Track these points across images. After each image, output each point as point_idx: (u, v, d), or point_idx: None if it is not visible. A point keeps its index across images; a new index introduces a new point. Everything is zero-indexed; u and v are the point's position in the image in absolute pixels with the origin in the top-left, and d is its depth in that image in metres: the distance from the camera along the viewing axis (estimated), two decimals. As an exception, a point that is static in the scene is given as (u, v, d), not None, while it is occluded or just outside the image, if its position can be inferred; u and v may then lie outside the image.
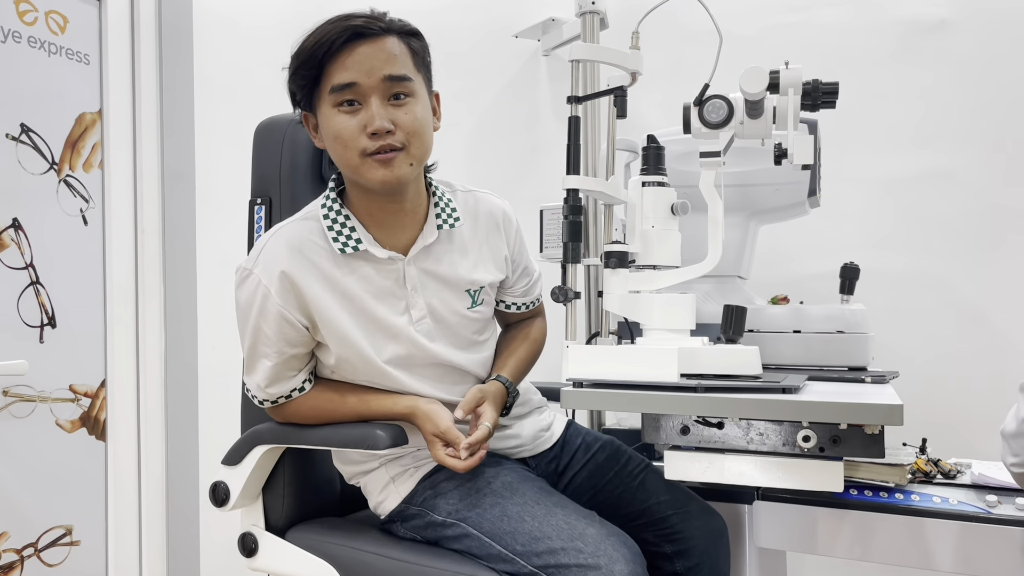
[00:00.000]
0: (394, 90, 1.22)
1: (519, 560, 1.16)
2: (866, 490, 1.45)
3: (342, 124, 1.22)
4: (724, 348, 1.24)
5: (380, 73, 1.21)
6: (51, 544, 1.93)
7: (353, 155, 1.22)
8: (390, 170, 1.22)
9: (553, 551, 1.14)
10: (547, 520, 1.18)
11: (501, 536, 1.19)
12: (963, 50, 2.00)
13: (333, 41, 1.20)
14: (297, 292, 1.25)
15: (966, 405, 1.97)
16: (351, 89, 1.21)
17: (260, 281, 1.25)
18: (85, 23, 2.03)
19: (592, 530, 1.15)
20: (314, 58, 1.21)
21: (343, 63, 1.20)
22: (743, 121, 1.26)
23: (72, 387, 1.99)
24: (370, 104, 1.21)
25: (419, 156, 1.26)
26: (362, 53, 1.21)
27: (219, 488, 1.44)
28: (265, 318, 1.26)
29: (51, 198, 1.95)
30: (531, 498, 1.23)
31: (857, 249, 1.98)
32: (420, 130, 1.25)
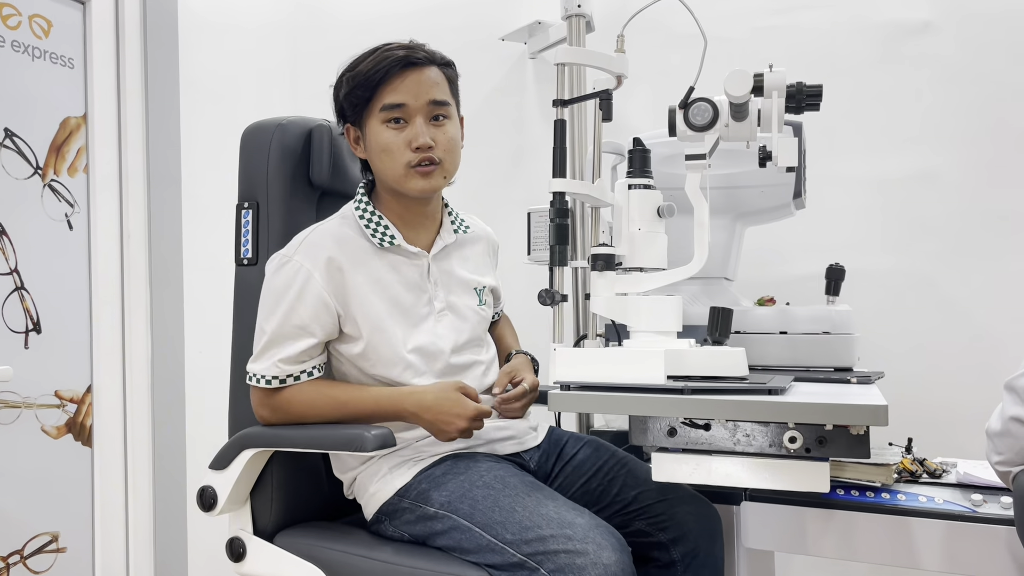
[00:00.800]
0: (435, 112, 1.42)
1: (508, 549, 1.19)
2: (852, 490, 1.46)
3: (390, 139, 1.40)
4: (711, 350, 1.24)
5: (426, 97, 1.40)
6: (37, 551, 1.91)
7: (399, 166, 1.40)
8: (428, 181, 1.42)
9: (542, 539, 1.17)
10: (537, 511, 1.21)
11: (492, 526, 1.22)
12: (946, 52, 2.02)
13: (390, 68, 1.38)
14: (340, 277, 1.38)
15: (951, 405, 1.98)
16: (400, 109, 1.39)
17: (302, 266, 1.36)
18: (69, 27, 2.02)
19: (582, 520, 1.18)
20: (370, 81, 1.39)
21: (395, 86, 1.39)
22: (728, 124, 1.27)
23: (58, 393, 1.97)
24: (415, 123, 1.40)
25: (451, 171, 1.47)
26: (412, 79, 1.40)
27: (206, 493, 1.44)
28: (303, 300, 1.36)
29: (36, 203, 1.94)
30: (523, 491, 1.27)
31: (842, 250, 1.99)
32: (454, 148, 1.46)
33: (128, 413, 2.12)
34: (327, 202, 1.63)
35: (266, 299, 1.40)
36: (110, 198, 2.10)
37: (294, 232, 1.50)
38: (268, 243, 1.53)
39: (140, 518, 2.13)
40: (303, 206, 1.59)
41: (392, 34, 2.60)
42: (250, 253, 1.55)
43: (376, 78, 1.39)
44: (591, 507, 1.39)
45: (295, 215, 1.57)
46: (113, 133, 2.12)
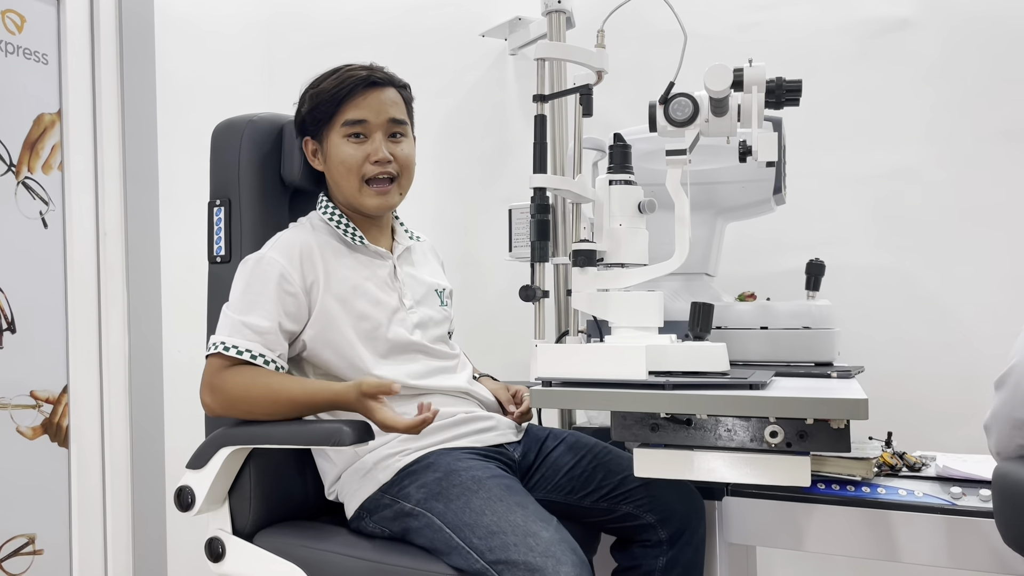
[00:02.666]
0: (393, 130, 1.51)
1: (473, 554, 1.20)
2: (833, 484, 1.47)
3: (349, 152, 1.48)
4: (692, 345, 1.24)
5: (386, 115, 1.49)
6: (13, 553, 1.89)
7: (355, 179, 1.48)
8: (384, 199, 1.50)
9: (505, 546, 1.18)
10: (506, 516, 1.22)
11: (461, 528, 1.24)
12: (926, 49, 2.04)
13: (354, 86, 1.47)
14: (312, 271, 1.42)
15: (931, 399, 2.00)
16: (361, 125, 1.48)
17: (275, 259, 1.40)
18: (43, 23, 2.00)
19: (546, 534, 1.19)
20: (335, 97, 1.47)
21: (357, 103, 1.47)
22: (708, 119, 1.27)
23: (33, 393, 1.95)
24: (375, 138, 1.48)
25: (406, 186, 1.55)
26: (373, 97, 1.48)
27: (184, 492, 1.42)
28: (272, 289, 1.38)
29: (9, 200, 1.91)
30: (495, 494, 1.27)
31: (822, 246, 2.00)
32: (410, 164, 1.54)
33: (105, 413, 2.10)
34: (299, 199, 1.62)
35: (237, 289, 1.41)
36: (86, 196, 2.07)
37: (267, 229, 1.51)
38: (241, 240, 1.52)
39: (118, 519, 2.11)
40: (275, 203, 1.59)
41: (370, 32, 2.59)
42: (223, 251, 1.54)
43: (340, 95, 1.47)
44: (576, 494, 1.48)
45: (267, 212, 1.56)
46: (88, 130, 2.09)
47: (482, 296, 2.49)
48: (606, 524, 1.50)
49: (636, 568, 1.45)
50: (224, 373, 1.36)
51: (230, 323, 1.38)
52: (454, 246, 2.50)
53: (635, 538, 1.47)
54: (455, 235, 2.54)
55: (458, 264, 2.44)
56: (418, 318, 1.52)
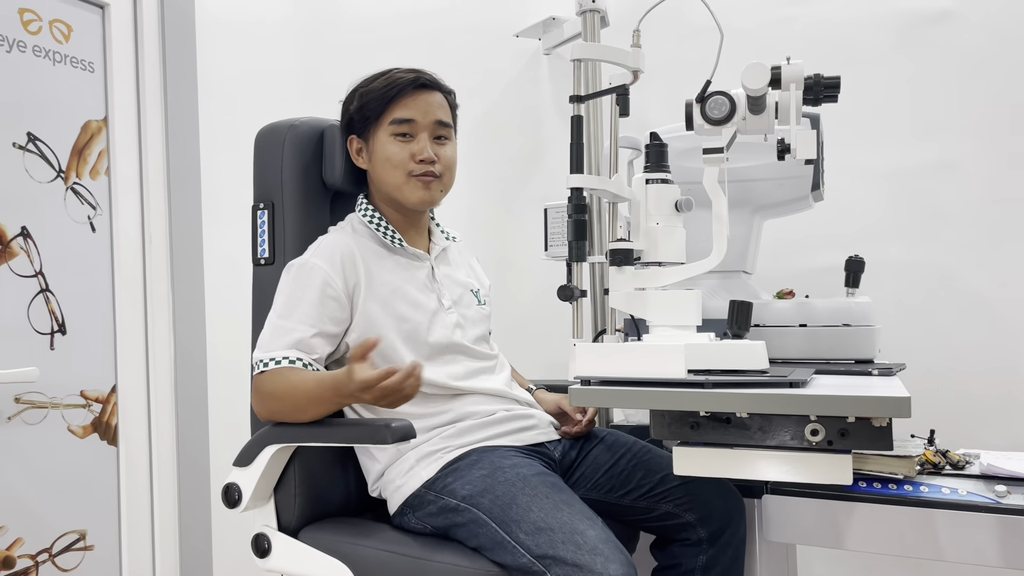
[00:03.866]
0: (439, 132, 1.54)
1: (519, 549, 1.22)
2: (875, 482, 1.46)
3: (395, 150, 1.51)
4: (730, 343, 1.24)
5: (433, 117, 1.52)
6: (65, 549, 1.94)
7: (400, 175, 1.51)
8: (427, 192, 1.52)
9: (553, 543, 1.19)
10: (552, 513, 1.23)
11: (508, 523, 1.25)
12: (966, 40, 2.00)
13: (403, 86, 1.51)
14: (354, 274, 1.45)
15: (974, 396, 1.97)
16: (409, 124, 1.51)
17: (317, 266, 1.43)
18: (89, 31, 2.05)
19: (593, 532, 1.20)
20: (384, 97, 1.51)
21: (406, 104, 1.51)
22: (745, 117, 1.27)
23: (83, 393, 2.00)
24: (420, 138, 1.51)
25: (448, 186, 1.58)
26: (421, 98, 1.52)
27: (231, 489, 1.45)
28: (315, 294, 1.41)
29: (59, 206, 1.96)
30: (541, 492, 1.28)
31: (862, 242, 1.98)
32: (453, 165, 1.57)
33: (152, 412, 2.15)
34: (340, 201, 1.65)
35: (281, 297, 1.45)
36: (131, 200, 2.12)
37: (309, 231, 1.54)
38: (284, 243, 1.55)
39: (165, 515, 2.16)
40: (317, 206, 1.61)
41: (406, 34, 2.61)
42: (267, 253, 1.57)
43: (390, 95, 1.50)
44: (615, 492, 1.49)
45: (310, 215, 1.59)
46: (133, 136, 2.14)
47: (517, 296, 2.50)
48: (645, 523, 1.51)
49: (676, 567, 1.46)
50: (260, 379, 1.40)
51: (275, 332, 1.41)
52: (489, 246, 2.51)
53: (674, 537, 1.47)
54: (489, 235, 2.55)
55: (493, 264, 2.45)
56: (457, 318, 1.54)
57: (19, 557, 1.83)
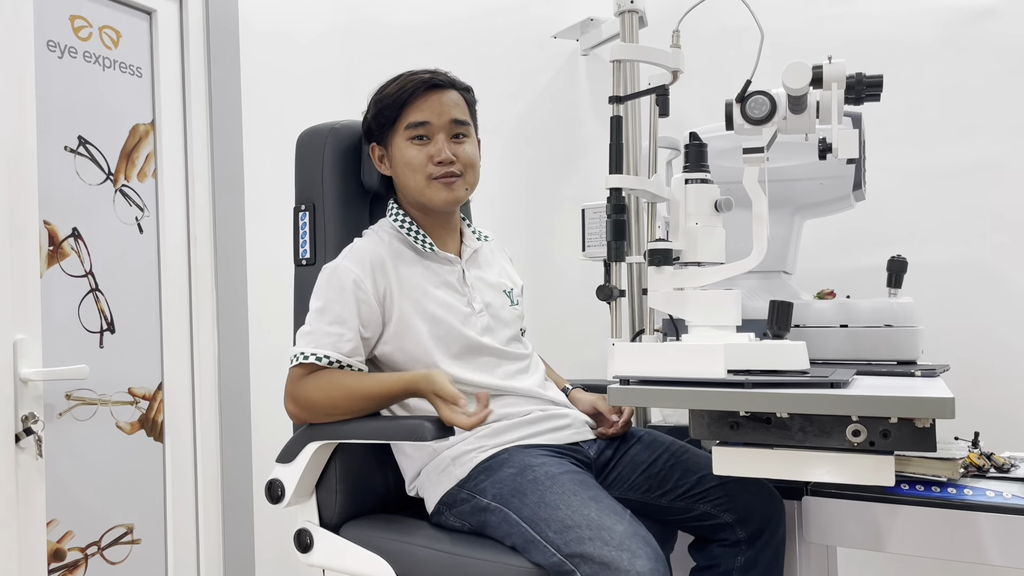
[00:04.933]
0: (456, 131, 1.53)
1: (549, 548, 1.22)
2: (918, 485, 1.44)
3: (413, 154, 1.51)
4: (771, 344, 1.23)
5: (448, 116, 1.51)
6: (113, 543, 1.99)
7: (421, 178, 1.51)
8: (451, 192, 1.52)
9: (580, 540, 1.19)
10: (580, 511, 1.24)
11: (536, 522, 1.26)
12: (1010, 37, 1.97)
13: (415, 88, 1.50)
14: (385, 279, 1.46)
15: (1019, 398, 1.94)
16: (424, 127, 1.51)
17: (350, 269, 1.45)
18: (137, 37, 2.10)
19: (620, 527, 1.20)
20: (397, 101, 1.51)
21: (419, 106, 1.51)
22: (786, 116, 1.26)
23: (131, 390, 2.05)
24: (437, 139, 1.51)
25: (472, 183, 1.57)
26: (435, 99, 1.51)
27: (275, 485, 1.48)
28: (349, 297, 1.43)
29: (108, 207, 2.01)
30: (569, 489, 1.29)
31: (904, 242, 1.96)
32: (474, 162, 1.56)
33: (197, 409, 2.19)
34: (379, 204, 1.67)
35: (315, 300, 1.47)
36: (177, 202, 2.17)
37: (349, 232, 1.56)
38: (325, 243, 1.58)
39: (209, 510, 2.20)
40: (357, 207, 1.64)
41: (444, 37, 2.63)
42: (308, 254, 1.59)
43: (402, 99, 1.50)
44: (653, 492, 1.49)
45: (350, 216, 1.61)
46: (179, 139, 2.19)
47: (554, 296, 2.51)
48: (684, 523, 1.50)
49: (714, 567, 1.45)
50: (303, 381, 1.42)
51: (311, 333, 1.44)
52: (526, 246, 2.52)
53: (713, 537, 1.47)
54: (527, 235, 2.56)
55: (530, 264, 2.47)
56: (487, 321, 1.55)
57: (69, 550, 1.88)
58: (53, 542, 1.84)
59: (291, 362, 1.44)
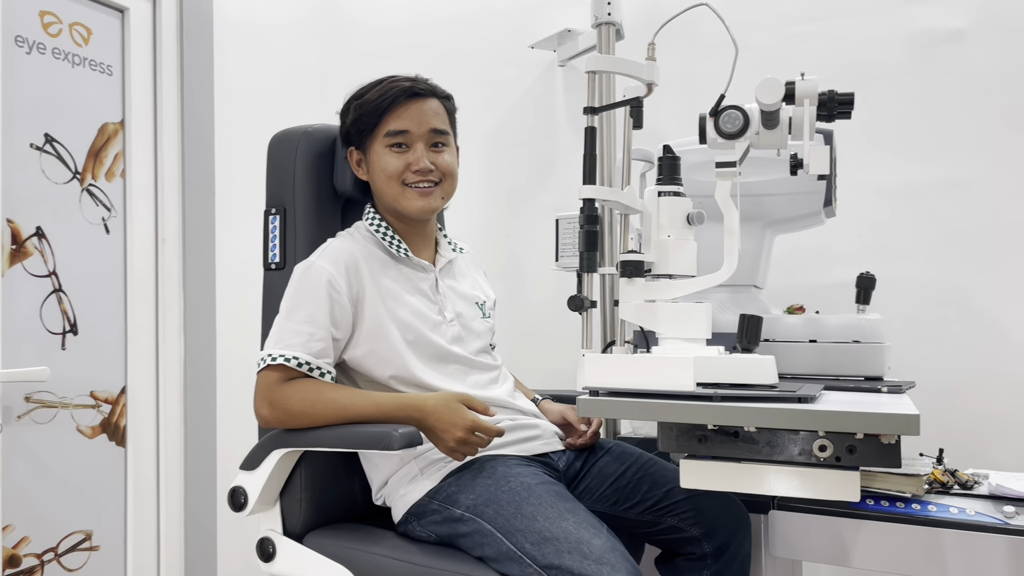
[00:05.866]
0: (435, 140, 1.53)
1: (526, 559, 1.21)
2: (883, 500, 1.45)
3: (390, 161, 1.50)
4: (740, 357, 1.24)
5: (427, 125, 1.51)
6: (71, 549, 1.95)
7: (396, 185, 1.51)
8: (427, 200, 1.52)
9: (559, 552, 1.18)
10: (557, 523, 1.23)
11: (513, 533, 1.24)
12: (979, 60, 2.00)
13: (395, 96, 1.50)
14: (358, 281, 1.45)
15: (983, 416, 1.96)
16: (403, 135, 1.50)
17: (324, 268, 1.43)
18: (108, 35, 2.07)
19: (599, 541, 1.20)
20: (377, 108, 1.50)
21: (399, 114, 1.50)
22: (759, 131, 1.27)
23: (93, 393, 2.01)
24: (416, 148, 1.51)
25: (449, 192, 1.57)
26: (415, 108, 1.51)
27: (237, 492, 1.46)
28: (324, 298, 1.41)
29: (74, 207, 1.98)
30: (546, 501, 1.28)
31: (873, 259, 1.98)
32: (452, 172, 1.56)
33: (161, 414, 2.16)
34: (351, 209, 1.66)
35: (288, 299, 1.45)
36: (146, 203, 2.14)
37: (320, 237, 1.54)
38: (295, 248, 1.56)
39: (171, 518, 2.16)
40: (329, 212, 1.63)
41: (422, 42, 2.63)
42: (278, 258, 1.58)
43: (383, 106, 1.49)
44: (620, 505, 1.49)
45: (321, 220, 1.60)
46: (149, 139, 2.16)
47: (526, 305, 2.50)
48: (650, 536, 1.50)
49: (680, 581, 1.45)
50: (284, 388, 1.38)
51: (281, 332, 1.41)
52: (499, 255, 2.52)
53: (680, 551, 1.47)
54: (501, 244, 2.56)
55: (503, 273, 2.46)
56: (457, 331, 1.54)
57: (25, 556, 1.84)
58: (8, 548, 1.80)
59: (259, 365, 1.41)
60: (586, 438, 1.57)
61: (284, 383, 1.38)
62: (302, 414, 1.37)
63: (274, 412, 1.39)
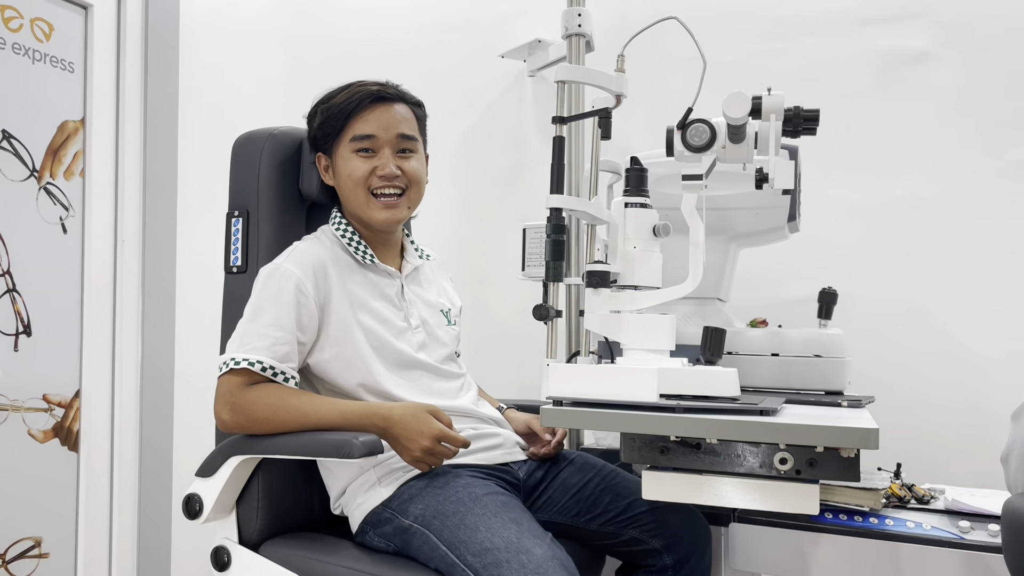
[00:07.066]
0: (402, 146, 1.51)
1: (468, 571, 1.20)
2: (841, 514, 1.46)
3: (356, 166, 1.48)
4: (703, 369, 1.24)
5: (395, 131, 1.49)
6: (19, 556, 1.90)
7: (363, 192, 1.49)
8: (392, 212, 1.50)
9: (498, 563, 1.18)
10: (499, 533, 1.22)
11: (456, 545, 1.24)
12: (944, 81, 2.04)
13: (361, 100, 1.48)
14: (325, 285, 1.43)
15: (940, 431, 1.99)
16: (370, 140, 1.48)
17: (291, 271, 1.40)
18: (70, 31, 2.03)
19: (539, 550, 1.19)
20: (343, 112, 1.48)
21: (366, 118, 1.48)
22: (725, 145, 1.28)
23: (46, 396, 1.96)
24: (383, 153, 1.49)
25: (415, 200, 1.55)
26: (383, 112, 1.49)
27: (192, 500, 1.43)
28: (290, 302, 1.39)
29: (31, 205, 1.93)
30: (490, 511, 1.27)
31: (835, 274, 2.00)
32: (419, 179, 1.54)
33: (116, 419, 2.11)
34: (316, 212, 1.64)
35: (253, 301, 1.42)
36: (105, 203, 2.10)
37: (284, 241, 1.52)
38: (258, 251, 1.54)
39: (124, 525, 2.12)
40: (293, 216, 1.60)
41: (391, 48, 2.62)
42: (239, 261, 1.55)
43: (348, 109, 1.48)
44: (583, 516, 1.48)
45: (285, 224, 1.58)
46: (111, 138, 2.12)
47: (493, 314, 2.49)
48: (612, 548, 1.50)
49: (641, 592, 1.45)
50: (247, 392, 1.35)
51: (245, 335, 1.38)
52: (466, 264, 2.51)
53: (641, 563, 1.47)
54: (467, 253, 2.55)
55: (470, 282, 2.46)
56: (423, 338, 1.53)
57: (-30, 563, 1.79)
58: (-48, 555, 1.75)
59: (220, 368, 1.38)
60: (550, 448, 1.56)
61: (247, 387, 1.36)
62: (264, 420, 1.35)
63: (235, 417, 1.36)
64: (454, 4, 2.59)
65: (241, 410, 1.35)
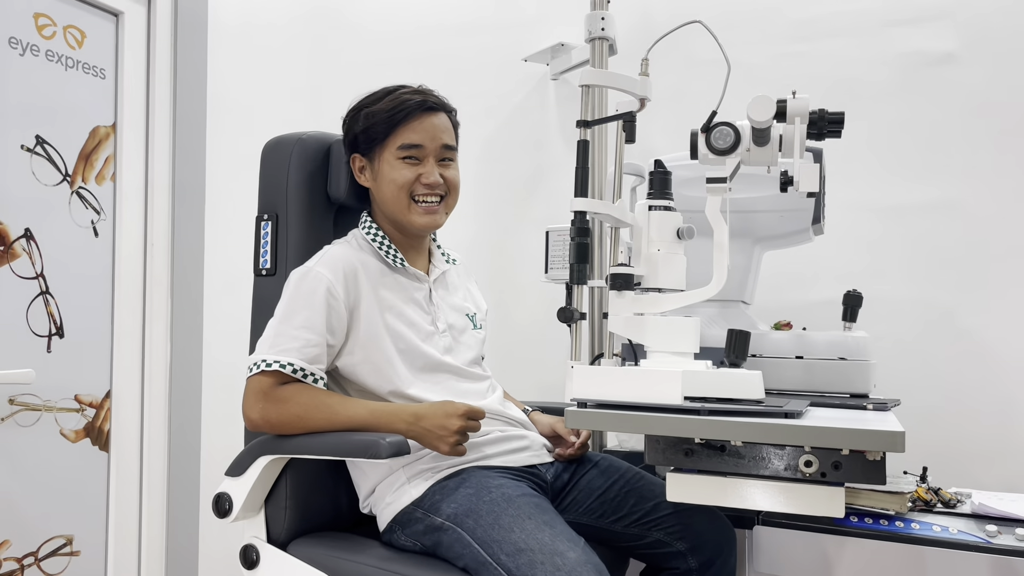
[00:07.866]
0: (444, 155, 1.56)
1: (500, 570, 1.22)
2: (867, 517, 1.46)
3: (402, 173, 1.52)
4: (727, 372, 1.24)
5: (440, 141, 1.54)
6: (51, 553, 1.93)
7: (405, 198, 1.52)
8: (432, 217, 1.54)
9: (532, 564, 1.19)
10: (534, 534, 1.23)
11: (490, 544, 1.25)
12: (968, 83, 2.03)
13: (410, 110, 1.51)
14: (356, 289, 1.46)
15: (967, 435, 1.97)
16: (417, 149, 1.52)
17: (322, 274, 1.43)
18: (102, 38, 2.07)
19: (573, 554, 1.20)
20: (391, 120, 1.51)
21: (413, 127, 1.52)
22: (749, 148, 1.28)
23: (77, 397, 2.00)
24: (428, 162, 1.53)
25: (452, 206, 1.60)
26: (428, 122, 1.53)
27: (222, 499, 1.45)
28: (321, 304, 1.41)
29: (63, 209, 1.97)
30: (525, 512, 1.28)
31: (860, 277, 1.99)
32: (457, 186, 1.59)
33: (145, 419, 2.14)
34: (344, 216, 1.66)
35: (284, 303, 1.44)
36: (135, 207, 2.14)
37: (312, 244, 1.54)
38: (287, 254, 1.56)
39: (153, 523, 2.15)
40: (321, 219, 1.63)
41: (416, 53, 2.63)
42: (268, 264, 1.58)
43: (397, 118, 1.51)
44: (607, 518, 1.49)
45: (313, 227, 1.60)
46: (141, 143, 2.16)
47: (515, 317, 2.50)
48: (636, 550, 1.50)
49: (665, 595, 1.45)
50: (277, 393, 1.37)
51: (276, 336, 1.40)
52: (489, 267, 2.52)
53: (665, 565, 1.47)
54: (491, 256, 2.56)
55: (493, 284, 2.47)
56: (449, 341, 1.55)
57: (5, 560, 1.82)
58: (-13, 552, 1.79)
59: (251, 369, 1.40)
60: (574, 449, 1.57)
61: (277, 388, 1.38)
62: (295, 419, 1.37)
63: (266, 417, 1.38)
64: (478, 9, 2.61)
65: (271, 410, 1.37)
